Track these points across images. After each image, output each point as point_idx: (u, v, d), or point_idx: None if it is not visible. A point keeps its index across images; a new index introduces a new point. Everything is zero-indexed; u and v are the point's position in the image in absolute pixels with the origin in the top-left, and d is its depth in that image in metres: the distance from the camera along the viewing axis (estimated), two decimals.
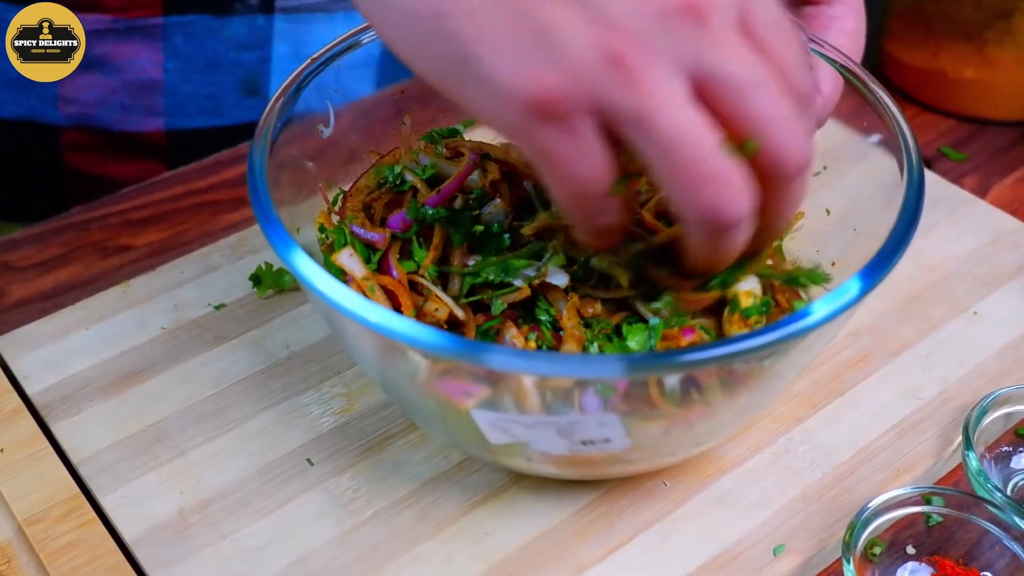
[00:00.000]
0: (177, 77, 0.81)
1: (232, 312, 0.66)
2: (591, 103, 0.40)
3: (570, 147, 0.41)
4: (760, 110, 0.41)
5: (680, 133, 0.40)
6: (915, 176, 0.50)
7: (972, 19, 0.80)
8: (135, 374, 0.62)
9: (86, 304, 0.66)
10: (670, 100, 0.40)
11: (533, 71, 0.39)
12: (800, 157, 0.42)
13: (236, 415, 0.60)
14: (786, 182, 0.43)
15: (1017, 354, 0.63)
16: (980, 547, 0.55)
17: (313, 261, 0.47)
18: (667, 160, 0.40)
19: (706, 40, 0.40)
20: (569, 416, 0.46)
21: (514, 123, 0.41)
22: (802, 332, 0.44)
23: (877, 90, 0.55)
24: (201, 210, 0.75)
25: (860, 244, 0.55)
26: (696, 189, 0.41)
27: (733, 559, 0.53)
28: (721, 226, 0.42)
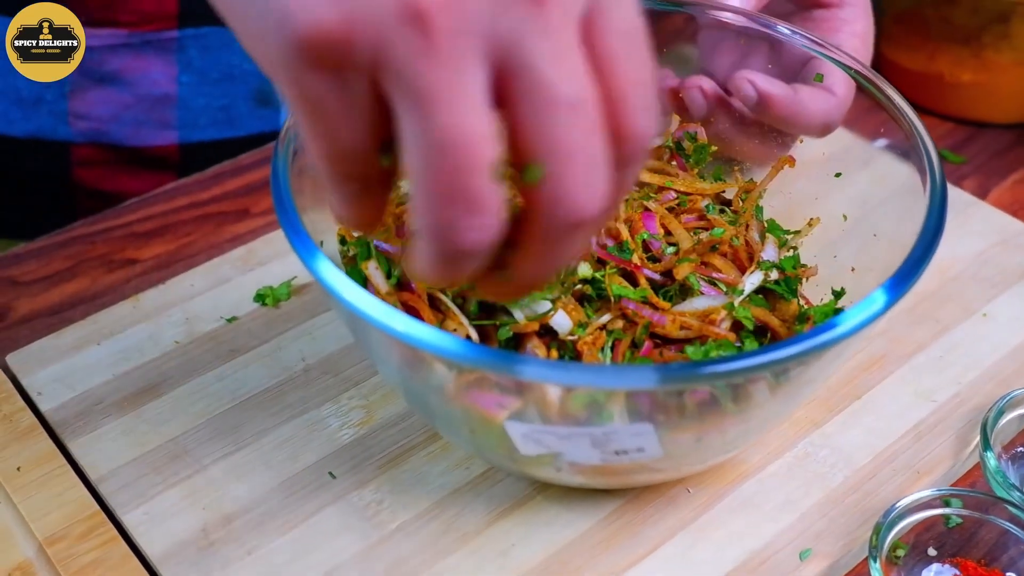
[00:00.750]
0: (191, 90, 0.80)
1: (244, 325, 0.65)
2: (371, 59, 0.33)
3: (336, 101, 0.34)
4: (562, 137, 0.34)
5: (454, 136, 0.33)
6: (938, 184, 0.51)
7: (969, 23, 0.81)
8: (150, 389, 0.62)
9: (96, 319, 0.66)
10: (460, 91, 0.33)
11: (316, 3, 0.32)
12: (584, 209, 0.35)
13: (254, 429, 0.59)
14: (555, 230, 0.36)
15: (1019, 354, 0.63)
16: (1000, 547, 0.55)
17: (339, 270, 0.47)
18: (428, 157, 0.33)
19: (537, 26, 0.33)
20: (604, 427, 0.46)
21: (280, 57, 0.34)
22: (838, 339, 0.44)
23: (895, 97, 0.56)
24: (205, 222, 0.75)
25: (881, 248, 0.56)
26: (441, 202, 0.34)
27: (760, 564, 0.53)
28: (450, 249, 0.35)
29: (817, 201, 0.61)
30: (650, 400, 0.46)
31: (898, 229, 0.55)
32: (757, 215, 0.62)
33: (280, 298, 0.66)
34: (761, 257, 0.58)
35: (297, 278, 0.68)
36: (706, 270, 0.56)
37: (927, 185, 0.51)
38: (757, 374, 0.45)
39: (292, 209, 0.50)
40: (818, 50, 0.60)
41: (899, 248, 0.53)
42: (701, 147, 0.63)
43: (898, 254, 0.53)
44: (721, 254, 0.57)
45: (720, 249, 0.57)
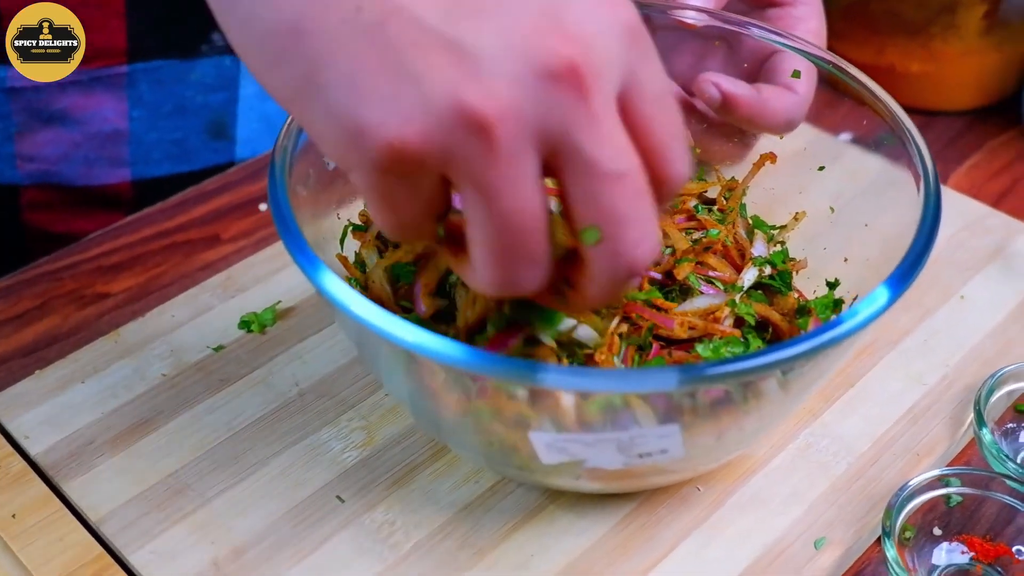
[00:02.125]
0: (143, 125, 0.78)
1: (232, 353, 0.64)
2: (439, 164, 0.37)
3: (407, 196, 0.39)
4: (614, 205, 0.38)
5: (515, 217, 0.37)
6: (931, 180, 0.52)
7: (916, 16, 0.83)
8: (142, 424, 0.60)
9: (77, 357, 0.64)
10: (519, 180, 0.37)
11: (387, 118, 0.36)
12: (638, 261, 0.40)
13: (255, 458, 0.58)
14: (614, 281, 0.41)
15: (1008, 334, 0.65)
16: (1003, 521, 0.56)
17: (345, 284, 0.47)
18: (490, 234, 0.38)
19: (581, 116, 0.37)
20: (631, 431, 0.46)
21: (352, 162, 0.38)
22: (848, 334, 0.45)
23: (887, 100, 0.56)
24: (174, 251, 0.73)
25: (868, 237, 0.57)
26: (504, 264, 0.39)
27: (777, 557, 0.54)
28: (509, 291, 0.41)
29: (801, 195, 0.62)
30: (671, 401, 0.47)
31: (881, 218, 0.57)
32: (741, 212, 0.62)
33: (266, 324, 0.65)
34: (752, 253, 0.58)
35: (281, 302, 0.67)
36: (702, 269, 0.57)
37: (920, 180, 0.52)
38: (779, 369, 0.46)
39: (294, 226, 0.49)
40: (784, 42, 0.61)
41: (886, 236, 0.55)
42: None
43: (887, 242, 0.54)
44: (714, 252, 0.58)
45: (713, 248, 0.58)
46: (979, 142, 0.83)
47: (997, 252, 0.70)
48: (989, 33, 0.82)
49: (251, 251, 0.72)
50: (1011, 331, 0.65)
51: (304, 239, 0.49)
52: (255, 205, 0.77)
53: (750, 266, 0.58)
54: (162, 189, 0.79)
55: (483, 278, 0.40)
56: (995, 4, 0.80)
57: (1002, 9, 0.81)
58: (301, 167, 0.54)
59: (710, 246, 0.57)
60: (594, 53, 0.37)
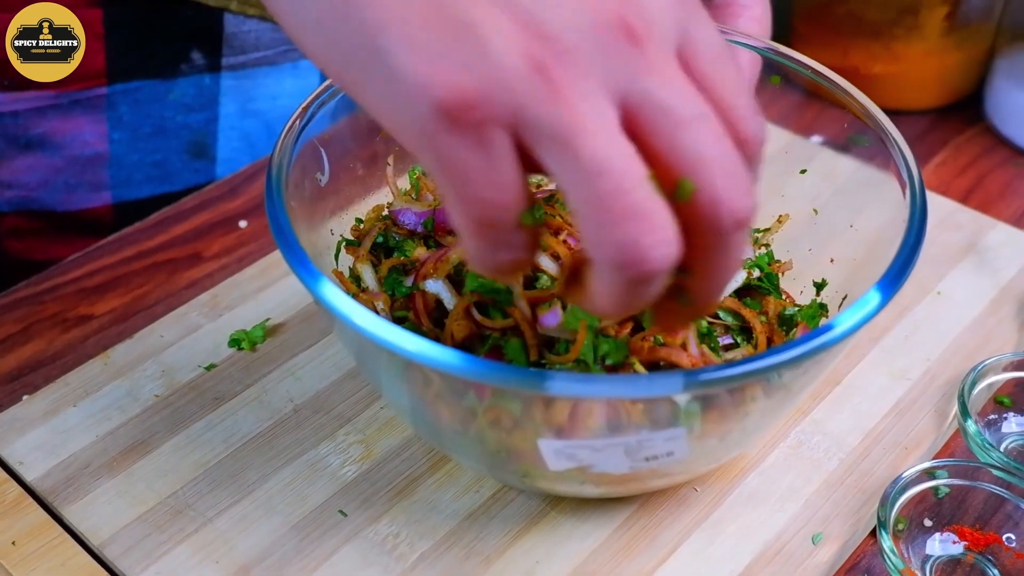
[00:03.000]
0: (123, 147, 0.78)
1: (224, 371, 0.64)
2: (509, 113, 0.35)
3: (480, 161, 0.36)
4: (699, 148, 0.36)
5: (605, 159, 0.35)
6: (917, 185, 0.53)
7: (879, 18, 0.85)
8: (138, 446, 0.60)
9: (67, 380, 0.64)
10: (597, 122, 0.35)
11: (448, 69, 0.35)
12: (742, 207, 0.37)
13: (254, 475, 0.58)
14: (722, 235, 0.38)
15: (985, 327, 0.67)
16: (990, 510, 0.58)
17: (346, 294, 0.47)
18: (586, 188, 0.35)
19: (642, 64, 0.36)
20: (639, 435, 0.47)
21: (419, 126, 0.36)
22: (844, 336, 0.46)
23: (865, 102, 0.58)
24: (157, 270, 0.73)
25: (857, 238, 0.58)
26: (615, 224, 0.36)
27: (777, 553, 0.55)
28: (637, 272, 0.37)
29: (783, 198, 0.63)
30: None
31: (863, 218, 0.58)
32: None
33: (256, 341, 0.65)
34: None
35: (270, 319, 0.67)
36: None
37: (906, 187, 0.53)
38: (780, 371, 0.47)
39: (294, 239, 0.49)
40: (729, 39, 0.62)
41: (869, 236, 0.56)
42: None
43: (871, 242, 0.56)
44: None
45: None
46: (944, 140, 0.85)
47: (969, 247, 0.72)
48: (950, 33, 0.84)
49: (235, 268, 0.72)
50: (988, 324, 0.67)
51: (304, 251, 0.49)
52: (235, 222, 0.77)
53: None
54: (143, 212, 0.78)
55: (602, 265, 0.37)
56: (956, 5, 0.82)
57: (962, 10, 0.83)
58: (295, 181, 0.54)
59: None
60: (645, 10, 0.36)
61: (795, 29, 0.91)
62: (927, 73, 0.86)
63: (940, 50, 0.85)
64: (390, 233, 0.60)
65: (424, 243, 0.60)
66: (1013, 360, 0.63)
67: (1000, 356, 0.62)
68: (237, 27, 0.77)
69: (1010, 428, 0.62)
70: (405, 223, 0.60)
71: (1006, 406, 0.63)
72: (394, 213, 0.60)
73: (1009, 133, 0.84)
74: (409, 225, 0.59)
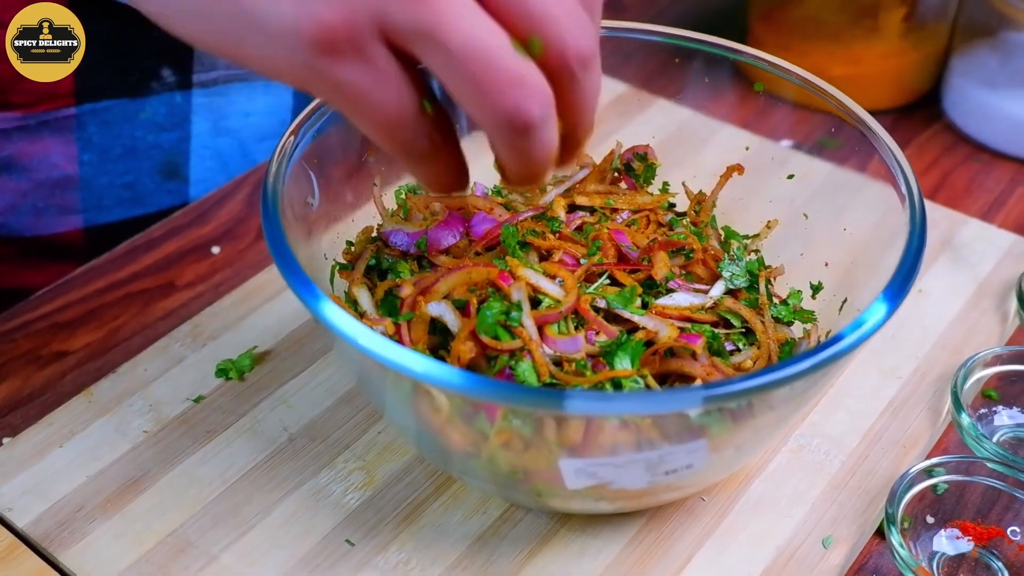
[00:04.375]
0: (93, 169, 0.76)
1: (214, 403, 0.63)
2: (376, 25, 0.39)
3: (367, 77, 0.40)
4: (539, 6, 0.40)
5: (471, 40, 0.39)
6: (916, 198, 0.53)
7: (838, 20, 0.86)
8: (131, 484, 0.58)
9: (50, 420, 0.62)
10: (455, 8, 0.39)
11: (311, 7, 0.38)
12: (584, 48, 0.42)
13: (256, 508, 0.57)
14: (575, 76, 0.42)
15: (968, 322, 0.68)
16: (987, 504, 0.59)
17: (350, 315, 0.46)
18: (462, 70, 0.39)
19: None
20: (661, 449, 0.47)
21: (305, 66, 0.40)
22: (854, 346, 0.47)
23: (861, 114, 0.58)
24: (131, 302, 0.71)
25: (851, 242, 0.59)
26: (495, 94, 0.40)
27: (790, 558, 0.55)
28: (526, 127, 0.41)
29: (771, 204, 0.64)
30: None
31: (864, 222, 0.59)
32: (711, 223, 0.64)
33: (243, 370, 0.64)
34: (725, 259, 0.60)
35: (257, 347, 0.66)
36: (688, 280, 0.58)
37: (905, 200, 0.54)
38: (794, 382, 0.47)
39: (295, 262, 0.48)
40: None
41: (873, 240, 0.57)
42: (650, 167, 0.65)
43: (863, 244, 0.56)
44: (699, 262, 0.59)
45: (695, 257, 0.59)
46: (906, 139, 0.86)
47: (944, 244, 0.73)
48: (908, 34, 0.85)
49: (211, 296, 0.71)
50: (971, 318, 0.68)
51: (310, 279, 0.48)
52: (207, 249, 0.75)
53: (719, 280, 0.59)
54: (115, 236, 0.77)
55: (495, 138, 0.41)
56: (913, 5, 0.84)
57: (919, 10, 0.85)
58: (289, 207, 0.53)
59: (691, 254, 0.59)
60: None
61: (752, 32, 0.92)
62: (886, 74, 0.88)
63: (898, 51, 0.86)
64: (382, 255, 0.59)
65: (417, 264, 0.59)
66: (996, 354, 0.64)
67: (988, 351, 0.63)
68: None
69: (1002, 421, 0.63)
70: (397, 244, 0.59)
71: (994, 400, 0.64)
72: (384, 234, 0.59)
73: (969, 130, 0.86)
74: (401, 246, 0.59)
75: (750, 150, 0.65)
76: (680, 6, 1.02)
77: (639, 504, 0.55)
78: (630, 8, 1.02)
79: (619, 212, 0.62)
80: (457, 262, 0.58)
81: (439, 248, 0.59)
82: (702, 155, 0.70)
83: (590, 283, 0.57)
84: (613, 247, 0.59)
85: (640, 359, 0.52)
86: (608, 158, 0.65)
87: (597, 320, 0.54)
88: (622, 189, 0.64)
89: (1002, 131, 0.84)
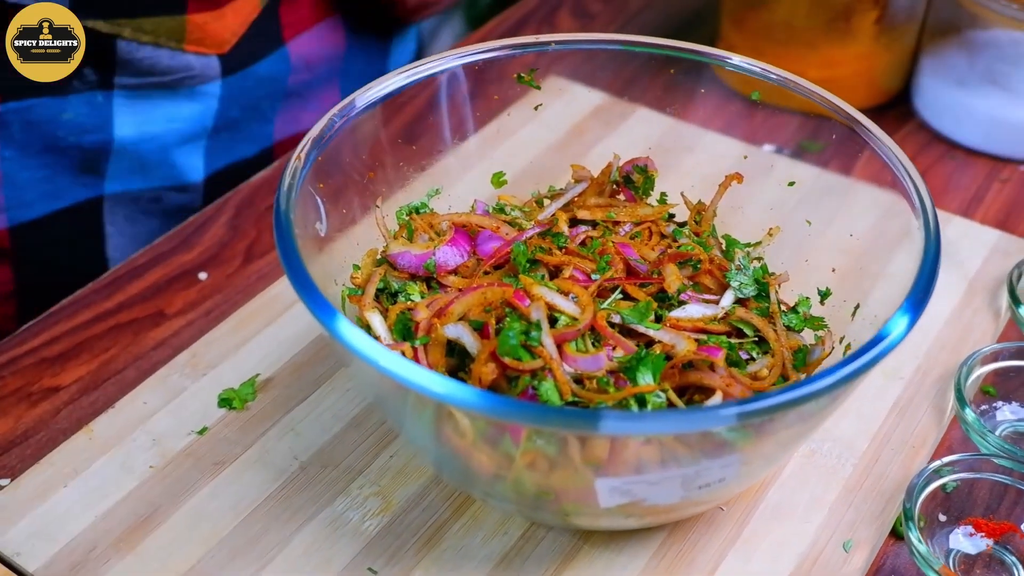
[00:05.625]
0: (15, 164, 0.74)
1: (219, 434, 0.61)
2: None
3: None
4: None
5: None
6: (929, 210, 0.54)
7: (811, 24, 0.87)
8: (143, 522, 0.57)
9: (51, 460, 0.60)
10: None
11: None
12: None
13: (273, 540, 0.56)
14: None
15: (963, 320, 0.69)
16: (995, 499, 0.60)
17: (372, 339, 0.46)
18: None
19: None
20: (698, 465, 0.46)
21: None
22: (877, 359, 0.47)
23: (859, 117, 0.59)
24: (120, 332, 0.70)
25: (859, 247, 0.59)
26: None
27: (814, 564, 0.55)
28: None
29: (772, 211, 0.64)
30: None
31: (870, 227, 0.59)
32: (712, 233, 0.64)
33: (247, 399, 0.63)
34: (732, 270, 0.60)
35: (259, 374, 0.64)
36: (696, 291, 0.58)
37: (919, 214, 0.54)
38: (825, 395, 0.47)
39: (312, 285, 0.48)
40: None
41: (879, 245, 0.58)
42: (649, 178, 0.65)
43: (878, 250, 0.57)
44: (707, 272, 0.59)
45: (703, 268, 0.59)
46: None
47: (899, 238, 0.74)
48: (880, 36, 0.87)
49: (203, 324, 0.69)
50: (965, 316, 0.69)
51: (327, 300, 0.48)
52: (194, 275, 0.74)
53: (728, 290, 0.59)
54: (38, 237, 0.75)
55: None
56: (885, 7, 0.85)
57: (890, 12, 0.86)
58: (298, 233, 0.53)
59: (699, 264, 0.59)
60: None
61: (724, 37, 0.93)
62: (859, 75, 0.89)
63: (871, 52, 0.87)
64: (389, 277, 0.58)
65: (426, 285, 0.58)
66: (994, 351, 0.65)
67: (987, 348, 0.64)
68: (131, 54, 0.75)
69: (1004, 416, 0.64)
70: (405, 266, 0.58)
71: (993, 395, 0.65)
72: (391, 257, 0.59)
73: (943, 129, 0.87)
74: (409, 268, 0.58)
75: (748, 159, 0.65)
76: (650, 13, 1.02)
77: (667, 518, 0.55)
78: (598, 16, 1.02)
79: (621, 225, 0.62)
80: (467, 282, 0.57)
81: (447, 269, 0.58)
82: (689, 163, 0.71)
83: (602, 298, 0.56)
84: (621, 261, 0.59)
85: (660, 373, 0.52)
86: (606, 171, 0.65)
87: (615, 336, 0.54)
88: (622, 201, 0.64)
89: (975, 129, 0.85)
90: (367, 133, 0.60)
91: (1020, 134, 0.84)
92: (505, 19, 1.02)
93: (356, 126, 0.58)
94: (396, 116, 0.62)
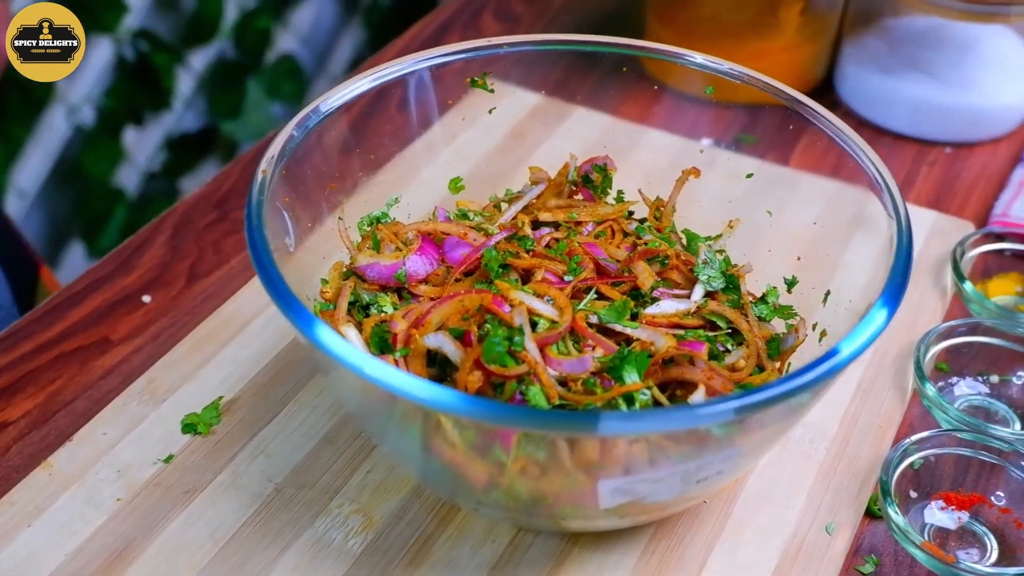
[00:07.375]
0: None
1: (186, 461, 0.59)
2: None
3: None
4: None
5: None
6: (901, 210, 0.55)
7: (737, 18, 0.88)
8: (118, 557, 0.55)
9: (11, 499, 0.57)
10: None
11: None
12: None
13: (256, 567, 0.54)
14: None
15: (912, 300, 0.70)
16: (960, 471, 0.61)
17: (357, 347, 0.45)
18: None
19: None
20: (700, 459, 0.47)
21: None
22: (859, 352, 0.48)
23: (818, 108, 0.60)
24: (66, 362, 0.67)
25: (825, 237, 0.60)
26: None
27: (800, 548, 0.56)
28: None
29: (731, 204, 0.65)
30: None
31: (832, 220, 0.60)
32: (672, 228, 0.65)
33: (212, 423, 0.61)
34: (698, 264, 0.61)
35: (223, 397, 0.63)
36: (666, 287, 0.59)
37: (891, 212, 0.55)
38: (816, 387, 0.48)
39: (291, 296, 0.47)
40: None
41: (845, 235, 0.59)
42: (607, 177, 0.65)
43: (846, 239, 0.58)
44: (674, 268, 0.60)
45: (671, 263, 0.59)
46: None
47: (861, 222, 0.75)
48: (804, 27, 0.88)
49: (153, 348, 0.67)
50: (913, 296, 0.71)
51: (310, 312, 0.47)
52: (137, 299, 0.71)
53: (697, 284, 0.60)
54: None
55: None
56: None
57: (813, 2, 0.88)
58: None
59: (667, 260, 0.59)
60: None
61: (649, 33, 0.93)
62: (785, 67, 0.90)
63: (796, 44, 0.89)
64: (359, 290, 0.57)
65: (398, 295, 0.57)
66: (947, 328, 0.67)
67: (939, 326, 0.66)
68: None
69: (961, 391, 0.66)
70: (375, 278, 0.57)
71: (946, 371, 0.67)
72: (360, 269, 0.57)
73: (869, 115, 0.89)
74: (380, 279, 0.57)
75: (703, 153, 0.66)
76: (573, 12, 1.03)
77: (659, 515, 0.55)
78: (522, 18, 1.02)
79: (583, 225, 0.62)
80: (439, 291, 0.57)
81: (418, 278, 0.57)
82: (633, 160, 0.71)
83: (576, 300, 0.56)
84: (591, 261, 0.58)
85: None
86: (563, 171, 0.65)
87: (595, 336, 0.53)
88: (581, 201, 0.64)
89: (899, 114, 0.87)
90: (328, 143, 0.59)
91: (944, 117, 0.86)
92: (428, 24, 1.01)
93: (318, 136, 0.57)
94: (356, 124, 0.61)
